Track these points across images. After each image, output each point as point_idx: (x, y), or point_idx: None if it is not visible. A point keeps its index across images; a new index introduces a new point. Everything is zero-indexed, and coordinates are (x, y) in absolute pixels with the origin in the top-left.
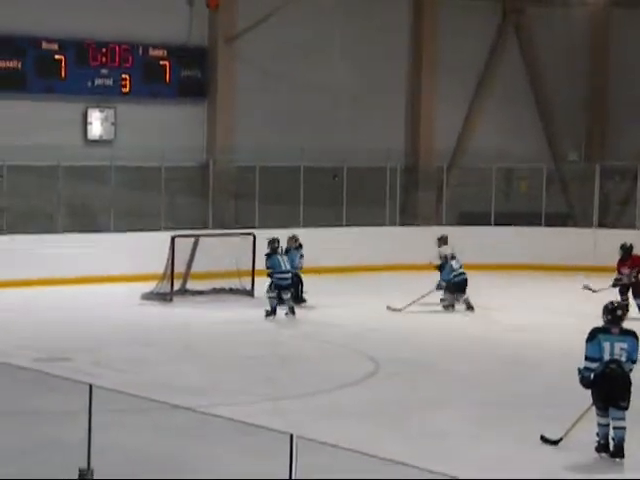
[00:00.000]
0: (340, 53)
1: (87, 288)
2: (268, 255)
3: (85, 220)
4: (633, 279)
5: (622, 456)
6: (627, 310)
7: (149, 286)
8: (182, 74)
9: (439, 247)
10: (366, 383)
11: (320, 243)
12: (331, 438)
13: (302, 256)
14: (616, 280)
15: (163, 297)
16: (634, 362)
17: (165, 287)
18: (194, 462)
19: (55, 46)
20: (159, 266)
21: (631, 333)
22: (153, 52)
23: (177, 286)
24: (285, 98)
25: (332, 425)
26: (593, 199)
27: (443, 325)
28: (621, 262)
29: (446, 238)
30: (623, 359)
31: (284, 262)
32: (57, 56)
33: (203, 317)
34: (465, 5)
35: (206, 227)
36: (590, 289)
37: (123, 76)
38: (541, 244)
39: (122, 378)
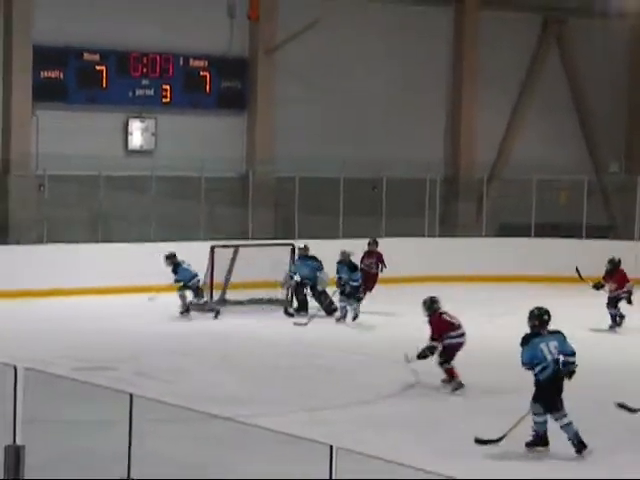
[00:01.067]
0: (380, 64)
1: (127, 298)
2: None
3: (125, 230)
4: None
5: (585, 447)
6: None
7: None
8: (222, 85)
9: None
10: (405, 394)
11: (359, 254)
12: (370, 449)
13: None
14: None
15: (202, 307)
16: (574, 354)
17: (205, 298)
18: (233, 472)
19: (96, 57)
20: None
21: (556, 331)
22: (194, 63)
23: (216, 296)
24: (325, 109)
25: (371, 436)
26: (635, 211)
27: (482, 337)
28: (608, 275)
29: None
30: (561, 357)
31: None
32: (98, 67)
33: (242, 327)
34: (506, 16)
35: (246, 237)
36: (579, 274)
37: (164, 86)
38: (582, 256)
39: (162, 388)
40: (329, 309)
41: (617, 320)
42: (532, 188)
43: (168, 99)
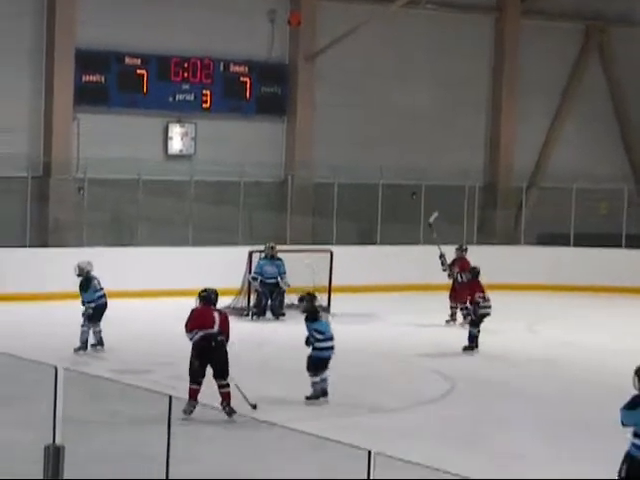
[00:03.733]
0: (420, 71)
1: (165, 302)
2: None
3: (164, 234)
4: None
5: None
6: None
7: (226, 301)
8: (262, 90)
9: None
10: (442, 402)
11: (397, 261)
12: (407, 455)
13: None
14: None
15: (240, 312)
16: None
17: (242, 302)
18: (269, 475)
19: (138, 61)
20: (236, 281)
21: None
22: (234, 68)
23: (254, 301)
24: (364, 115)
25: (408, 443)
26: None
27: (519, 345)
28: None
29: None
30: None
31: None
32: (139, 71)
33: (280, 332)
34: (547, 25)
35: (284, 242)
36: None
37: (204, 92)
38: (622, 266)
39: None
40: (278, 312)
41: None
42: (571, 197)
43: (208, 104)
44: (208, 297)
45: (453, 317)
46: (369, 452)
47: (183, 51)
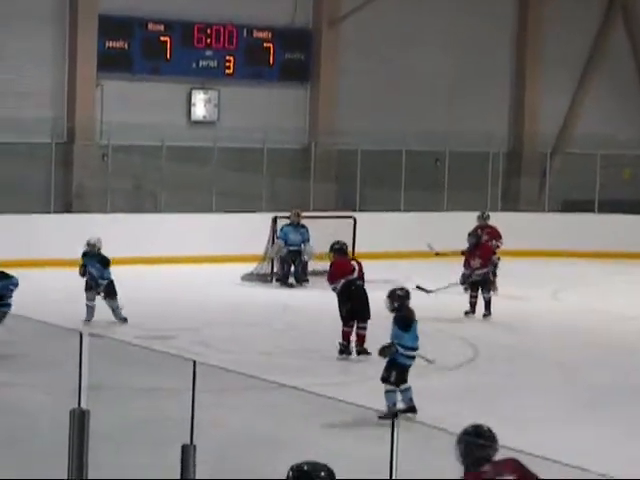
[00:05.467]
0: (445, 36)
1: (188, 268)
2: None
3: (187, 200)
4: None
5: None
6: (474, 310)
7: (250, 267)
8: (286, 56)
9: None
10: (464, 368)
11: (420, 227)
12: (428, 419)
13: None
14: (464, 277)
15: (264, 278)
16: None
17: (266, 268)
18: (294, 440)
19: (161, 27)
20: (260, 247)
21: None
22: (257, 34)
23: (277, 267)
24: (388, 82)
25: (429, 407)
26: None
27: (544, 312)
28: (469, 253)
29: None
30: None
31: None
32: (163, 37)
33: (303, 298)
34: None
35: (307, 209)
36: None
37: (227, 58)
38: None
39: (224, 357)
40: (301, 278)
41: None
42: (596, 163)
43: (231, 70)
44: (343, 249)
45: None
46: (393, 416)
47: (206, 17)
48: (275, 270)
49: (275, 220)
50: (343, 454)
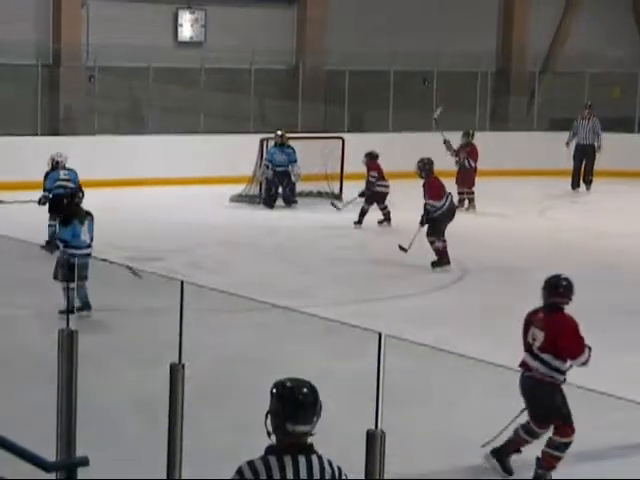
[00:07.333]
0: None
1: (177, 189)
2: None
3: (175, 122)
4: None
5: None
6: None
7: (238, 188)
8: None
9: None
10: (452, 288)
11: (409, 148)
12: (416, 338)
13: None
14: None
15: (252, 200)
16: None
17: (254, 189)
18: (282, 360)
19: None
20: (248, 168)
21: None
22: None
23: (264, 189)
24: (376, 1)
25: (417, 326)
26: None
27: (533, 230)
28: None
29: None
30: None
31: None
32: None
33: (291, 220)
34: None
35: (295, 130)
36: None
37: None
38: (633, 151)
39: (213, 278)
40: (290, 199)
41: None
42: (585, 82)
43: None
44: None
45: (461, 203)
46: (379, 334)
47: None
48: (263, 191)
49: (263, 142)
50: (330, 371)
